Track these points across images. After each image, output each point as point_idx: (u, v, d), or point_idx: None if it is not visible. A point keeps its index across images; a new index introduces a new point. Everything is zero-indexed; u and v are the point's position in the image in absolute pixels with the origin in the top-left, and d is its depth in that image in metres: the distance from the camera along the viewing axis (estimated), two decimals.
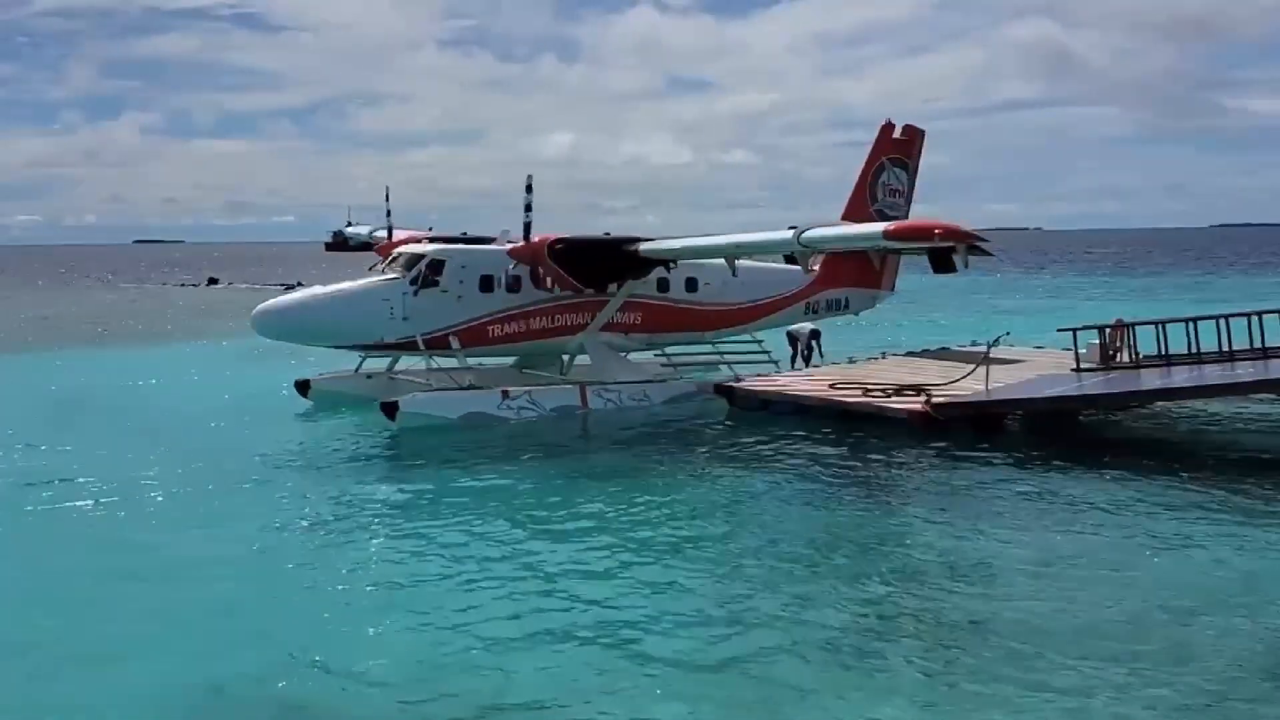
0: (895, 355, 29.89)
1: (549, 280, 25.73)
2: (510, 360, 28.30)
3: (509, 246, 25.73)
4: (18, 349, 41.51)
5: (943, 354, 29.59)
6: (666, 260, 26.47)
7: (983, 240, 22.11)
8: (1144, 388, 23.19)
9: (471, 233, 28.83)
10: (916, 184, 31.81)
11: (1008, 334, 27.09)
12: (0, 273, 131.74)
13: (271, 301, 25.57)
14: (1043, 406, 22.55)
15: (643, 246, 25.73)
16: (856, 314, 31.86)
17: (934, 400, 22.68)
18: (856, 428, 22.51)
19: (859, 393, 23.84)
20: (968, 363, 25.59)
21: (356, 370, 27.19)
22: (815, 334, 30.83)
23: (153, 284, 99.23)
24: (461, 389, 24.80)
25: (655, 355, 28.87)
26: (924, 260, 22.56)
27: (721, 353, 29.43)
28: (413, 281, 24.98)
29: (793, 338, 30.97)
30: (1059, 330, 27.40)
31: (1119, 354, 25.65)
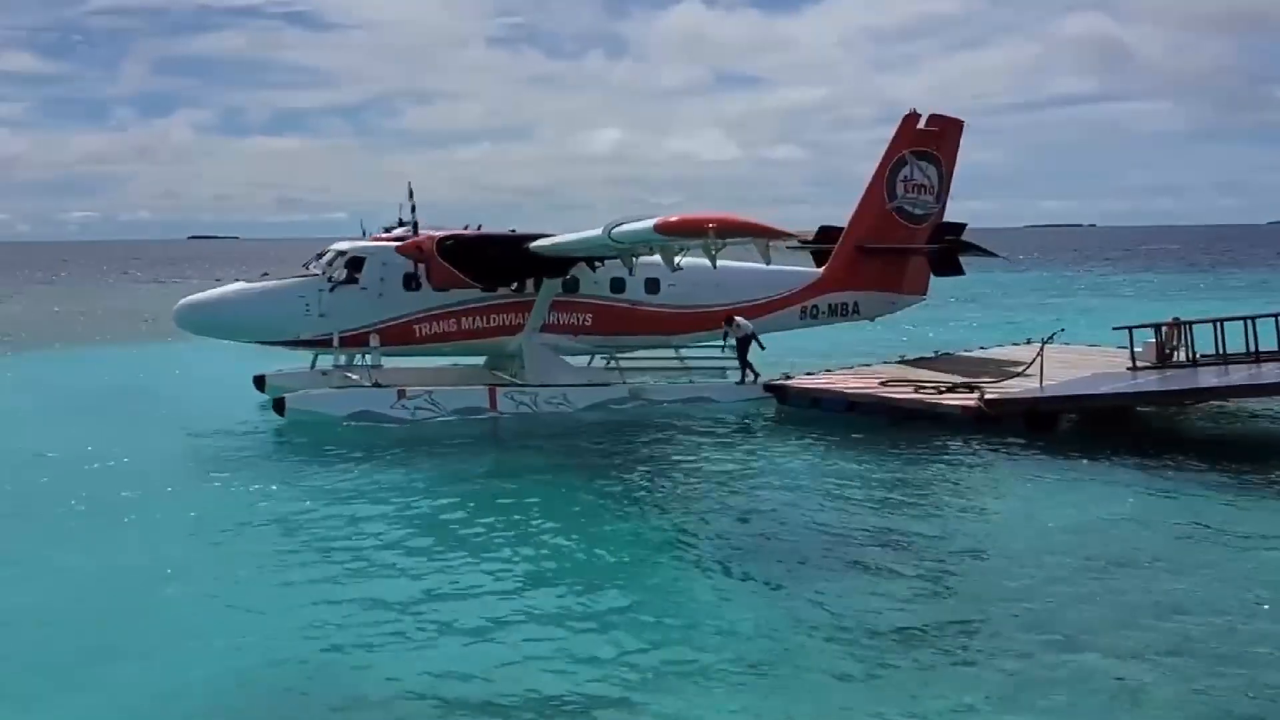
0: (948, 354, 29.71)
1: (439, 278, 24.62)
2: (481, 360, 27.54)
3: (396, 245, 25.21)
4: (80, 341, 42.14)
5: (945, 358, 28.88)
6: (579, 259, 25.15)
7: (788, 235, 22.08)
8: (1200, 386, 22.97)
9: (520, 230, 28.84)
10: (954, 178, 29.64)
11: (1062, 330, 26.93)
12: (66, 263, 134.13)
13: (194, 296, 25.64)
14: (1097, 404, 22.42)
15: (532, 244, 24.71)
16: (872, 320, 29.74)
17: (987, 397, 22.62)
18: (909, 425, 22.48)
19: (911, 390, 23.82)
20: (1021, 361, 25.48)
21: (312, 366, 26.54)
22: (747, 338, 26.50)
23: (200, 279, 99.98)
24: (365, 387, 24.17)
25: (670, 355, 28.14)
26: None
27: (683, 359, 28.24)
28: (330, 279, 24.79)
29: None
30: (1114, 328, 27.20)
31: (1175, 352, 25.42)
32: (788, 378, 26.13)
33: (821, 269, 28.99)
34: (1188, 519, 15.78)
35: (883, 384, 24.58)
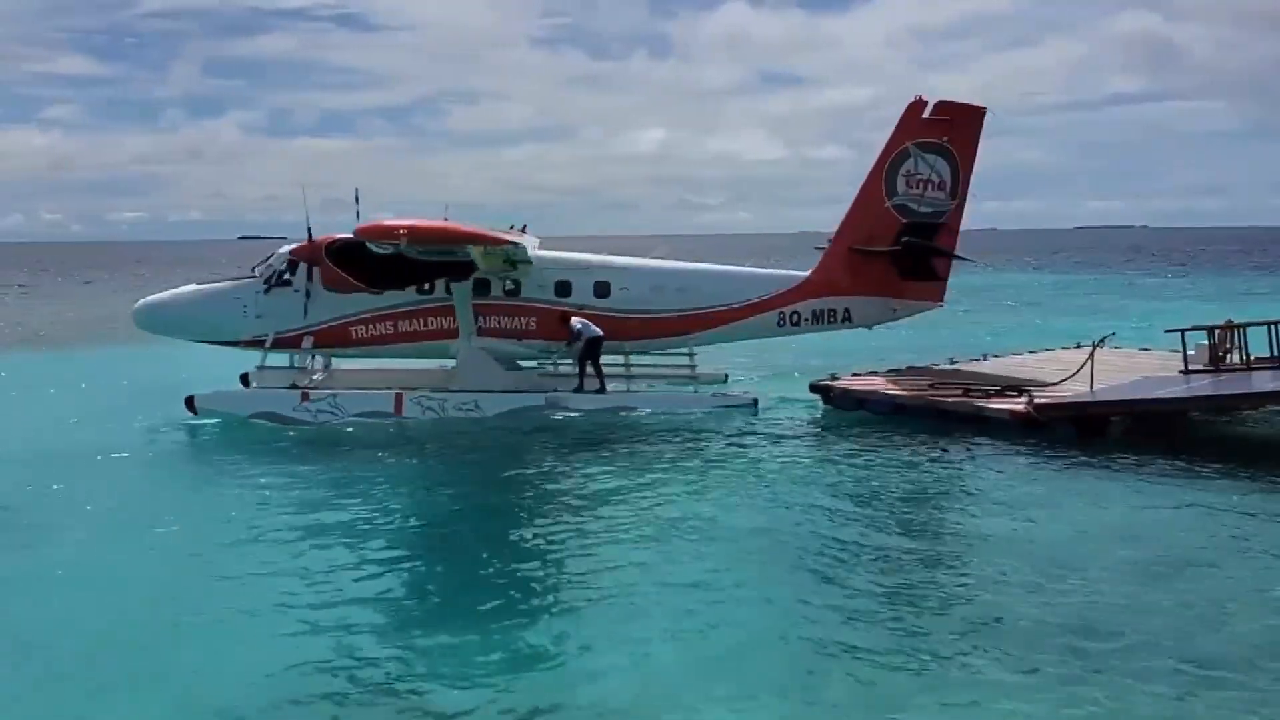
0: (996, 357, 29.43)
1: (328, 279, 24.79)
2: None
3: (292, 247, 25.38)
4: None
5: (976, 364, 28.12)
6: (453, 262, 24.25)
7: (499, 240, 21.47)
8: (1255, 390, 22.59)
9: (564, 231, 28.87)
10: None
11: (1113, 334, 26.60)
12: (144, 261, 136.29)
13: (149, 297, 26.28)
14: (1149, 408, 22.12)
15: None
16: (869, 328, 27.40)
17: (1037, 401, 22.41)
18: (956, 429, 22.33)
19: (959, 393, 23.67)
20: (1070, 364, 25.22)
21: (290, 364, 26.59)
22: (590, 343, 25.03)
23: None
24: (275, 389, 24.48)
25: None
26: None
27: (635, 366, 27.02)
28: (265, 280, 25.11)
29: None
30: (1166, 331, 26.85)
31: (1229, 355, 25.03)
32: (834, 378, 26.00)
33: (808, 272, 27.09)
34: (1243, 526, 15.54)
35: (930, 386, 24.43)
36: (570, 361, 25.70)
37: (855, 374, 26.68)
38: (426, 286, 25.24)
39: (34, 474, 19.68)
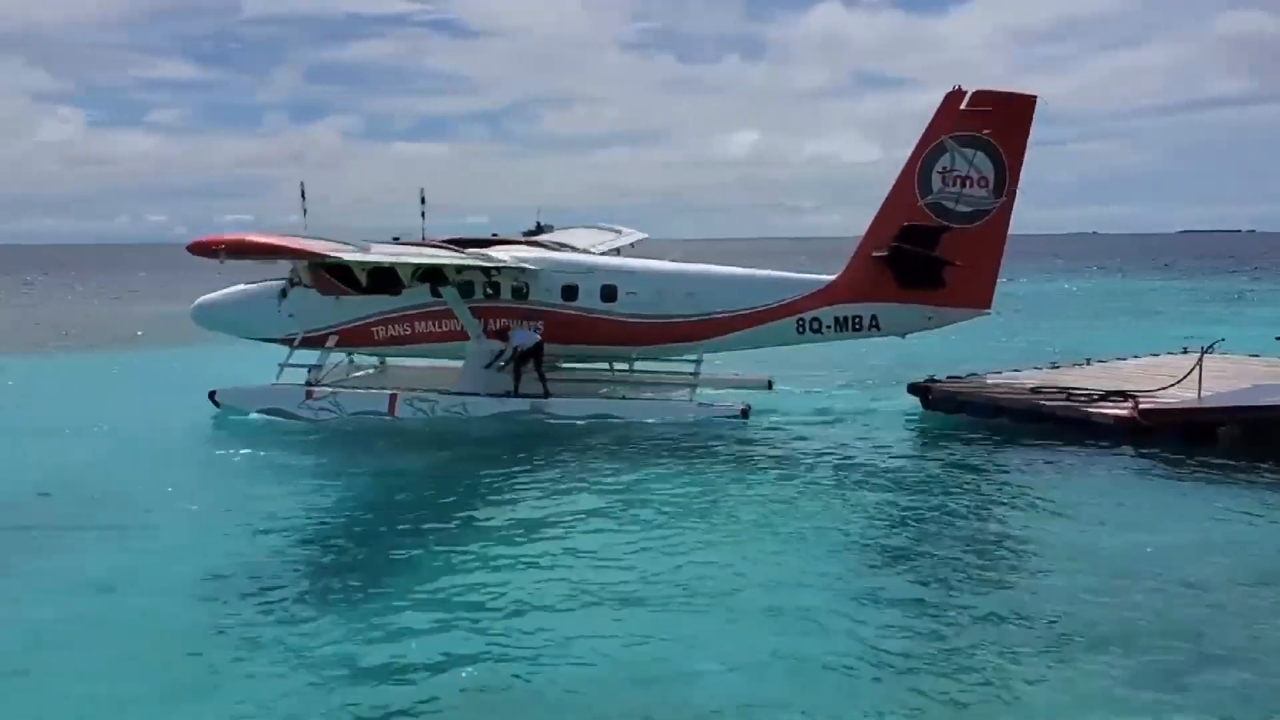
0: (1100, 361, 28.93)
1: (321, 285, 25.59)
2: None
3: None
4: None
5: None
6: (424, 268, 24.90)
7: (317, 255, 21.25)
8: None
9: (655, 235, 28.79)
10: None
11: (1222, 340, 26.01)
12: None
13: (203, 297, 27.32)
14: (1260, 416, 21.62)
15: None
16: (902, 336, 25.71)
17: (1142, 407, 22.06)
18: (1058, 434, 22.06)
19: (1063, 397, 23.38)
20: (1177, 370, 24.74)
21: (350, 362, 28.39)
22: (527, 352, 24.77)
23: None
24: (287, 385, 25.24)
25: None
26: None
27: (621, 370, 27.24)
28: (292, 282, 25.70)
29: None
30: (1277, 338, 26.22)
31: None
32: (933, 380, 25.86)
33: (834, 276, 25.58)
34: None
35: (1032, 390, 24.17)
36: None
37: (953, 376, 26.47)
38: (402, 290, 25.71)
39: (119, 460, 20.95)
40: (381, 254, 23.16)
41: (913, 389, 25.69)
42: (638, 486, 18.47)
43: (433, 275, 25.34)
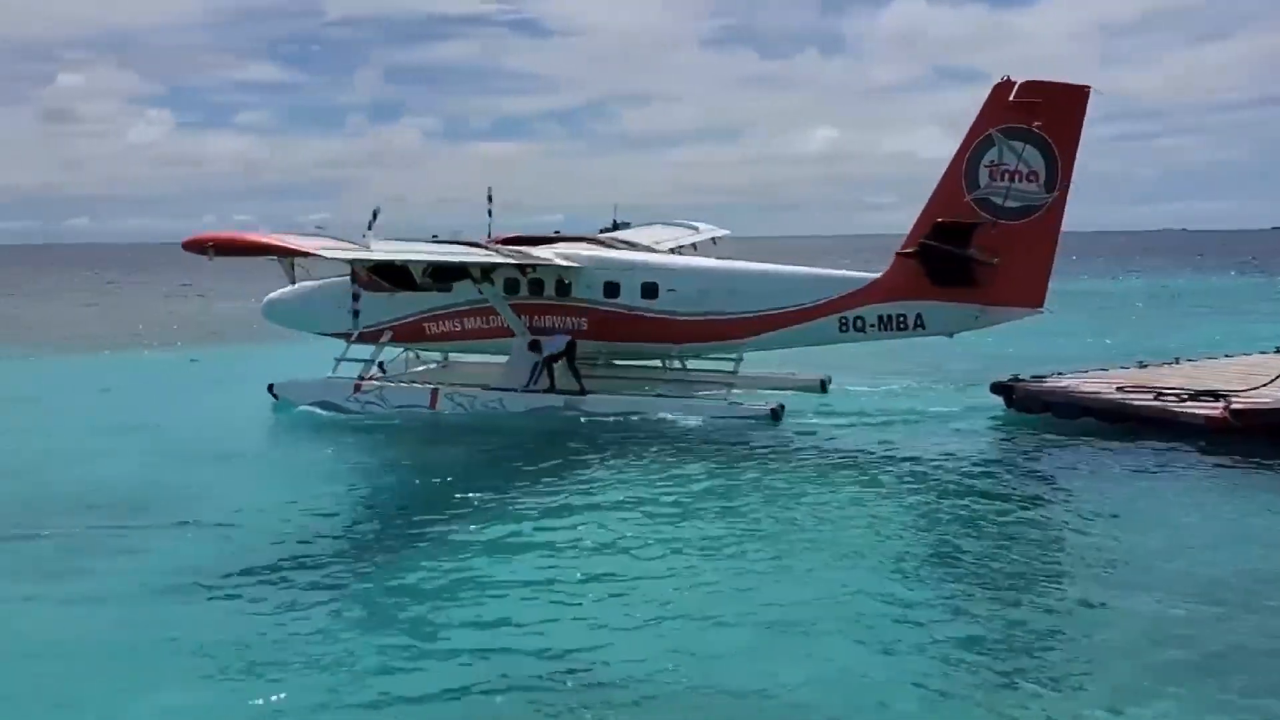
0: (1189, 360, 28.14)
1: (361, 280, 25.65)
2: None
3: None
4: None
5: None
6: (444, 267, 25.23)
7: (302, 253, 21.04)
8: None
9: (733, 232, 28.51)
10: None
11: None
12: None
13: (274, 293, 27.99)
14: None
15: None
16: (950, 335, 24.78)
17: (1234, 407, 21.45)
18: (1146, 434, 21.53)
19: (1151, 397, 22.81)
20: (1271, 370, 24.00)
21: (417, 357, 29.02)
22: (554, 355, 25.09)
23: None
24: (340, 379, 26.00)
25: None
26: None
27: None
28: (353, 279, 25.83)
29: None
30: None
31: None
32: (1016, 380, 25.36)
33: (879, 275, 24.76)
34: None
35: (1119, 389, 23.62)
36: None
37: (1037, 376, 25.94)
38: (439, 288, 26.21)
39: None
40: (382, 252, 23.34)
41: (995, 388, 25.23)
42: (687, 487, 18.50)
43: (461, 274, 25.57)
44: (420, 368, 28.91)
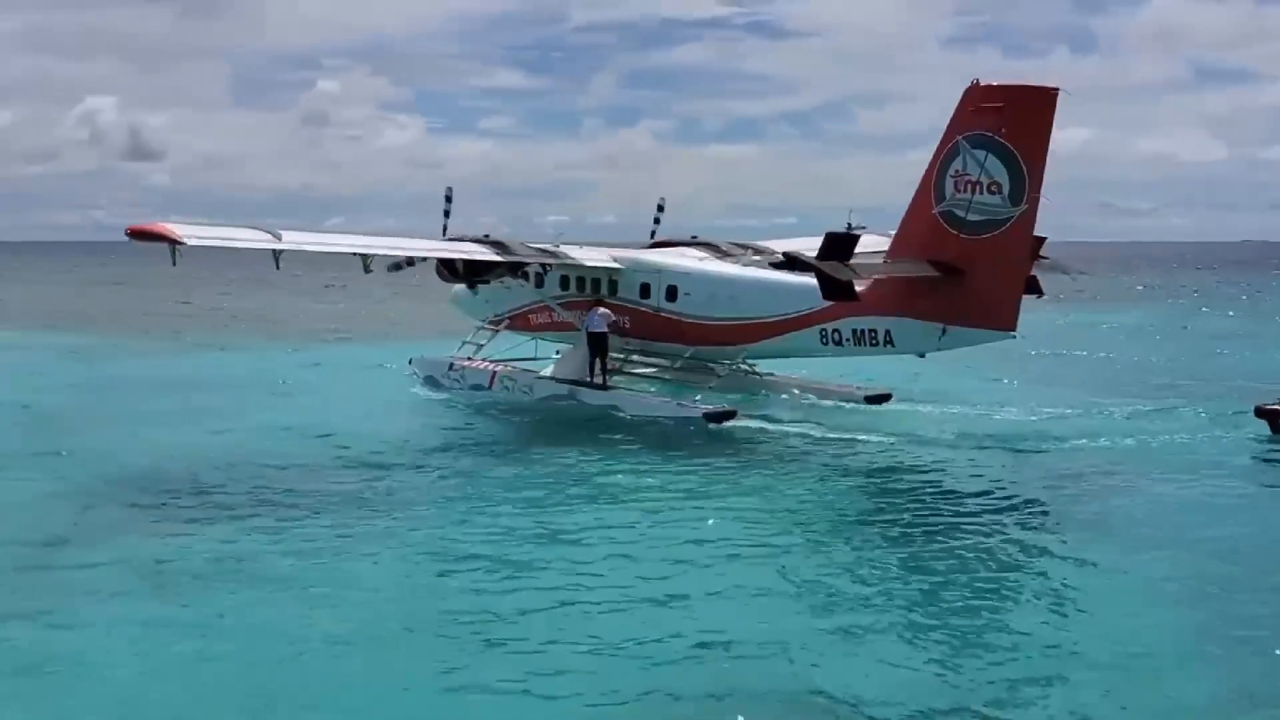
0: None
1: (439, 273, 28.21)
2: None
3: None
4: None
5: None
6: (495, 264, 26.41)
7: (177, 239, 20.09)
8: None
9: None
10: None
11: None
12: None
13: (456, 285, 29.67)
14: None
15: None
16: (921, 355, 23.27)
17: None
18: None
19: None
20: None
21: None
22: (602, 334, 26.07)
23: None
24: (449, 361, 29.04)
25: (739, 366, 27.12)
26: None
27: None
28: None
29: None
30: None
31: None
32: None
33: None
34: None
35: None
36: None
37: None
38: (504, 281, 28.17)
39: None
40: (292, 242, 22.21)
41: (1260, 413, 23.14)
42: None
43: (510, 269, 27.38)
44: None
